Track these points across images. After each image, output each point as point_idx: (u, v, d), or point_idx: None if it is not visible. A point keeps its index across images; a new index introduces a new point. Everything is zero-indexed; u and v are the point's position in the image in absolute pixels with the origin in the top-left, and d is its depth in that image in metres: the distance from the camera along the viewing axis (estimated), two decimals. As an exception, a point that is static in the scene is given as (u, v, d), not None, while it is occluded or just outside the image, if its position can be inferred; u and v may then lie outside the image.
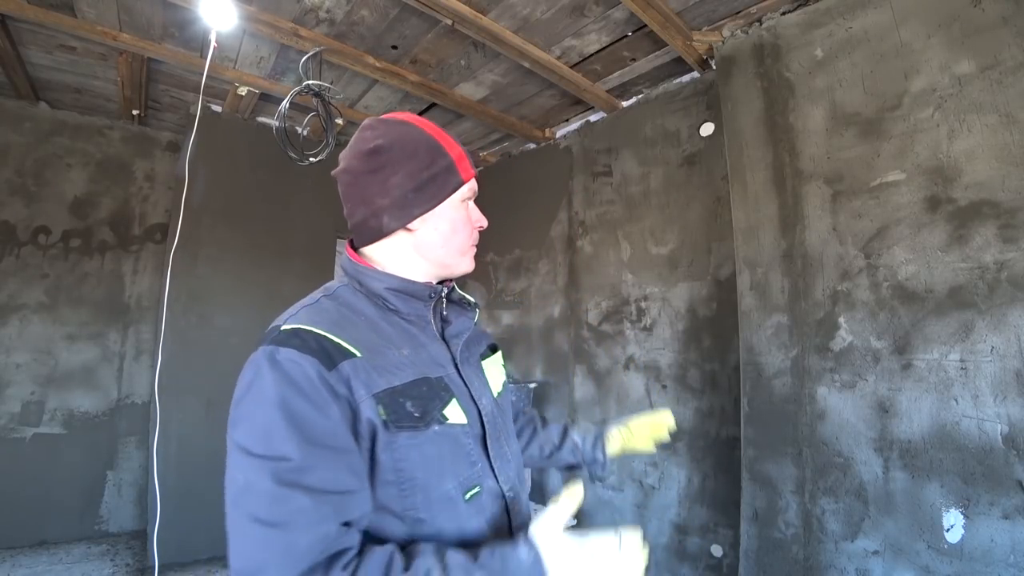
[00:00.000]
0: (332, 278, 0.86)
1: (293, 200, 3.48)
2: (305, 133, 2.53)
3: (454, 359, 0.77)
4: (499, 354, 0.96)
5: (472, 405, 0.75)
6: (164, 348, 2.40)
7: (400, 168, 0.74)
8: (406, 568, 0.58)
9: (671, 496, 2.54)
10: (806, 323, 1.89)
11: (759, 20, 2.16)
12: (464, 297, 0.86)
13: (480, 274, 3.94)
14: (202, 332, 3.06)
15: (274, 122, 2.55)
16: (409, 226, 0.76)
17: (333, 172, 0.81)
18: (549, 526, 0.65)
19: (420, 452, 0.66)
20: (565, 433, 1.14)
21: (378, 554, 0.59)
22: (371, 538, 0.65)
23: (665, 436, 1.14)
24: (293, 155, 2.40)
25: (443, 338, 0.79)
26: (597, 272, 3.07)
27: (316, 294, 0.76)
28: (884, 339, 1.70)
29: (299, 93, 2.30)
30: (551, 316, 3.34)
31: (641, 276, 2.82)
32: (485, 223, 0.82)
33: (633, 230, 2.90)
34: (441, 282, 0.83)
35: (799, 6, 2.05)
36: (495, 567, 0.59)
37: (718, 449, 2.39)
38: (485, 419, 0.76)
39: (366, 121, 0.81)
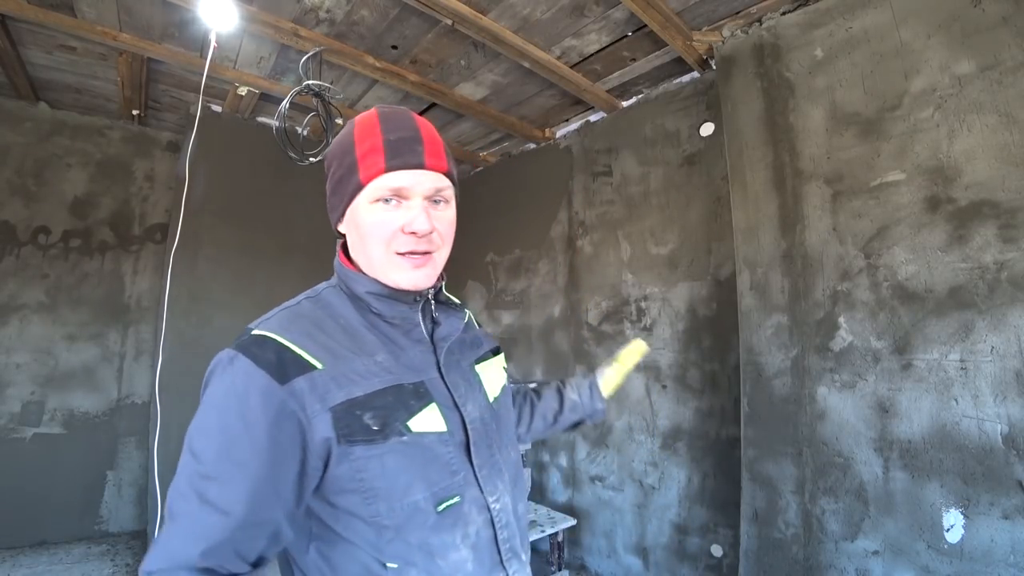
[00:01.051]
0: (330, 277, 0.85)
1: (293, 200, 3.48)
2: (305, 133, 2.53)
3: (438, 363, 0.74)
4: (500, 357, 0.92)
5: (454, 412, 0.72)
6: (164, 348, 2.40)
7: (328, 171, 0.75)
8: None
9: (671, 496, 2.54)
10: (806, 323, 1.89)
11: (759, 20, 2.16)
12: (450, 299, 0.83)
13: (480, 274, 3.94)
14: (202, 332, 3.06)
15: (274, 122, 2.55)
16: (339, 229, 0.76)
17: None
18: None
19: (380, 463, 0.64)
20: (561, 395, 1.09)
21: None
22: (344, 542, 0.66)
23: (642, 356, 1.16)
24: (293, 155, 2.40)
25: (432, 340, 0.77)
26: (597, 272, 3.07)
27: (301, 295, 0.75)
28: (884, 339, 1.70)
29: (299, 93, 2.30)
30: (551, 316, 3.34)
31: (641, 276, 2.82)
32: (419, 227, 0.69)
33: (633, 230, 2.90)
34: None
35: (799, 6, 2.05)
36: None
37: (718, 449, 2.39)
38: (469, 426, 0.73)
39: None
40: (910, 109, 1.71)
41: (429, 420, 0.69)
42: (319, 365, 0.65)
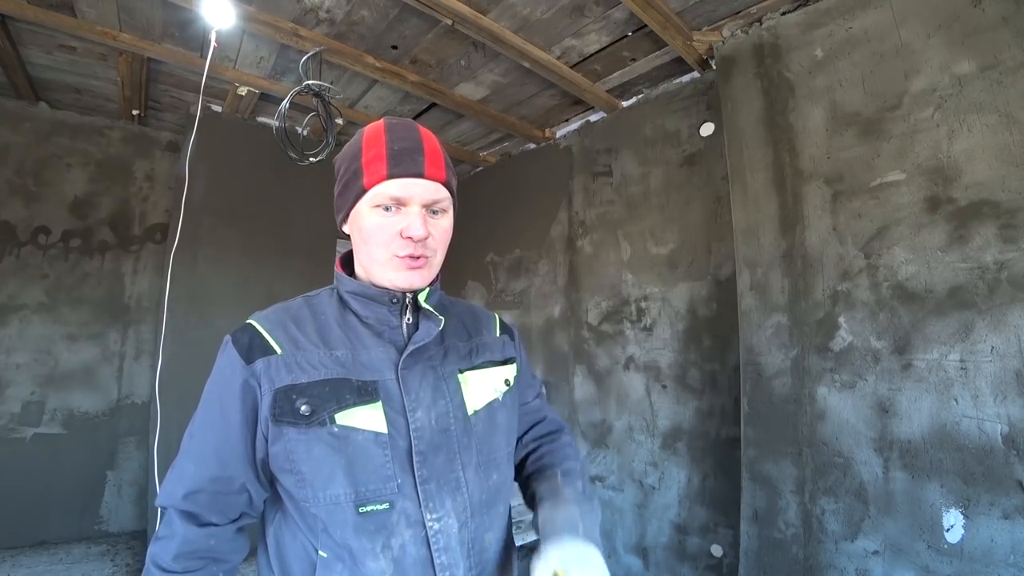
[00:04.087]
0: (332, 278, 0.88)
1: (293, 200, 3.48)
2: (305, 133, 2.53)
3: (397, 365, 0.74)
4: (506, 368, 0.87)
5: (401, 416, 0.71)
6: (164, 348, 2.40)
7: (336, 174, 0.80)
8: None
9: (671, 496, 2.54)
10: (806, 323, 1.89)
11: (759, 20, 2.16)
12: (426, 308, 0.78)
13: (480, 274, 3.94)
14: (202, 332, 3.06)
15: (274, 122, 2.55)
16: (344, 229, 0.81)
17: None
18: None
19: (307, 448, 0.69)
20: (536, 503, 0.85)
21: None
22: (291, 523, 0.74)
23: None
24: (293, 155, 2.40)
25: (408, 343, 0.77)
26: (597, 272, 3.07)
27: (302, 295, 0.84)
28: (884, 339, 1.70)
29: (299, 93, 2.30)
30: (551, 316, 3.34)
31: (641, 276, 2.82)
32: (415, 233, 0.71)
33: (633, 230, 2.90)
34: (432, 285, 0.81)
35: (799, 6, 2.05)
36: None
37: (718, 449, 2.39)
38: (414, 433, 0.71)
39: None
40: (910, 109, 1.71)
41: (366, 418, 0.70)
42: (279, 350, 0.73)
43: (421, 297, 0.78)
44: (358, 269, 0.80)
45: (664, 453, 2.59)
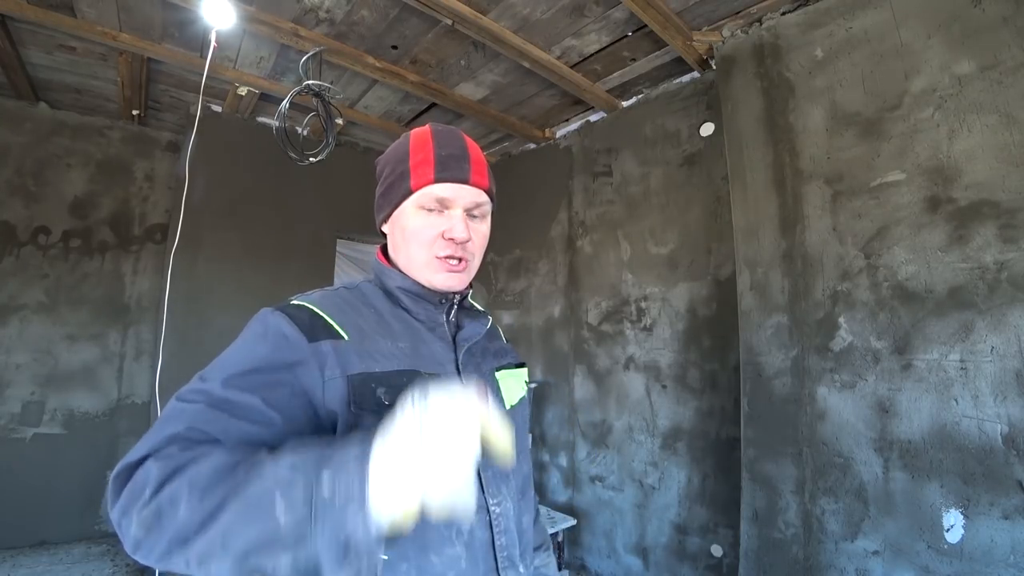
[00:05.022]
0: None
1: (293, 200, 3.48)
2: (305, 133, 2.53)
3: (456, 361, 0.77)
4: (523, 371, 0.93)
5: None
6: (164, 348, 2.40)
7: (380, 175, 0.81)
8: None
9: (671, 496, 2.54)
10: (806, 323, 1.89)
11: (759, 20, 2.16)
12: (474, 306, 0.86)
13: (480, 274, 3.94)
14: (202, 332, 3.06)
15: (274, 122, 2.55)
16: (383, 229, 0.83)
17: None
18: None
19: None
20: None
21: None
22: None
23: None
24: (293, 155, 2.40)
25: (454, 341, 0.80)
26: (597, 272, 3.07)
27: (338, 285, 0.82)
28: (884, 339, 1.70)
29: (299, 93, 2.30)
30: (551, 316, 3.34)
31: (641, 276, 2.82)
32: (458, 235, 0.74)
33: (633, 230, 2.90)
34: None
35: (799, 6, 2.05)
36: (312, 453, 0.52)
37: (718, 449, 2.39)
38: None
39: None
40: (910, 109, 1.71)
41: None
42: (346, 336, 0.70)
43: (470, 296, 0.83)
44: (401, 268, 0.81)
45: (664, 453, 2.59)
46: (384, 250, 0.85)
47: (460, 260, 0.76)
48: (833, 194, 1.87)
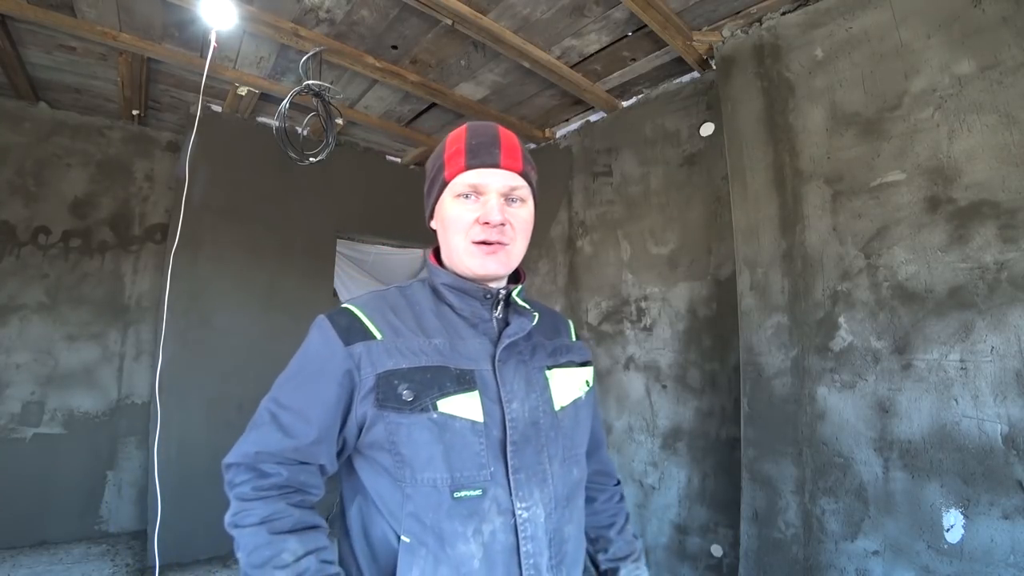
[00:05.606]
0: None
1: (293, 200, 3.48)
2: (305, 133, 2.53)
3: (493, 356, 0.77)
4: (586, 370, 0.91)
5: (497, 405, 0.74)
6: (164, 348, 2.40)
7: (426, 175, 0.85)
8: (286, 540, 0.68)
9: (671, 496, 2.54)
10: (806, 323, 1.89)
11: (759, 20, 2.16)
12: (518, 302, 0.83)
13: (480, 274, 3.94)
14: (202, 332, 3.06)
15: (274, 122, 2.55)
16: (431, 225, 0.86)
17: None
18: None
19: (408, 432, 0.70)
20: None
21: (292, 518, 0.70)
22: (373, 508, 0.74)
23: None
24: (293, 155, 2.40)
25: (500, 337, 0.80)
26: (597, 272, 3.07)
27: (397, 284, 0.88)
28: (884, 339, 1.70)
29: (299, 93, 2.30)
30: (551, 316, 3.34)
31: (641, 276, 2.82)
32: (492, 218, 0.75)
33: (633, 230, 2.90)
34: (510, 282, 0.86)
35: (799, 6, 2.05)
36: None
37: (718, 449, 2.39)
38: (509, 424, 0.73)
39: None
40: (910, 109, 1.71)
41: (465, 406, 0.72)
42: (379, 336, 0.75)
43: (515, 293, 0.83)
44: (445, 262, 0.84)
45: (664, 453, 2.59)
46: (437, 252, 0.88)
47: (495, 244, 0.77)
48: (833, 194, 1.87)
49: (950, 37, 1.64)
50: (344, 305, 0.80)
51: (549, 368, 0.83)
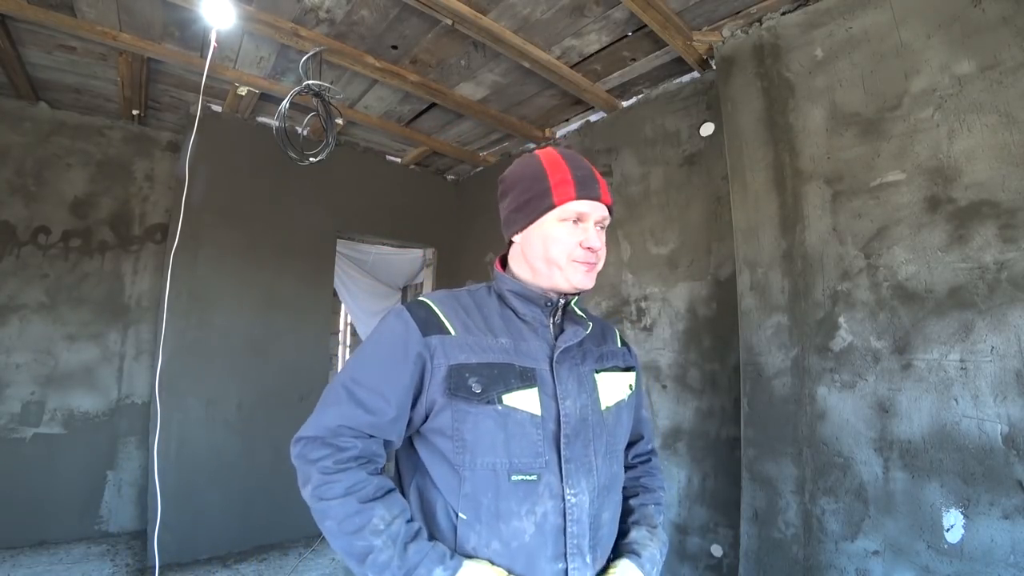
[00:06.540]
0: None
1: (293, 200, 3.48)
2: (305, 133, 2.54)
3: (551, 358, 0.86)
4: (629, 374, 1.00)
5: (553, 401, 0.83)
6: (164, 348, 2.40)
7: (509, 193, 0.94)
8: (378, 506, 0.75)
9: (671, 496, 2.54)
10: (806, 323, 1.89)
11: (759, 20, 2.16)
12: (575, 312, 0.93)
13: (480, 274, 3.94)
14: (202, 332, 3.06)
15: (274, 122, 2.55)
16: (513, 238, 0.94)
17: None
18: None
19: (475, 421, 0.79)
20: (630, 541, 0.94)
21: (375, 483, 0.77)
22: (432, 485, 0.81)
23: None
24: (293, 155, 2.40)
25: (556, 341, 0.88)
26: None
27: (464, 287, 0.97)
28: (884, 339, 1.70)
29: (299, 93, 2.30)
30: (551, 316, 3.34)
31: (641, 276, 2.82)
32: (594, 245, 0.87)
33: (633, 230, 2.90)
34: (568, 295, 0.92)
35: (799, 6, 2.05)
36: (412, 562, 0.72)
37: (718, 449, 2.39)
38: (563, 419, 0.82)
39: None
40: (910, 109, 1.71)
41: (525, 400, 0.81)
42: (453, 331, 0.84)
43: (572, 302, 0.92)
44: (521, 271, 0.93)
45: (664, 453, 2.59)
46: (503, 260, 0.98)
47: (592, 264, 0.89)
48: (833, 194, 1.87)
49: (950, 37, 1.64)
50: (421, 298, 0.89)
51: (597, 372, 0.92)
